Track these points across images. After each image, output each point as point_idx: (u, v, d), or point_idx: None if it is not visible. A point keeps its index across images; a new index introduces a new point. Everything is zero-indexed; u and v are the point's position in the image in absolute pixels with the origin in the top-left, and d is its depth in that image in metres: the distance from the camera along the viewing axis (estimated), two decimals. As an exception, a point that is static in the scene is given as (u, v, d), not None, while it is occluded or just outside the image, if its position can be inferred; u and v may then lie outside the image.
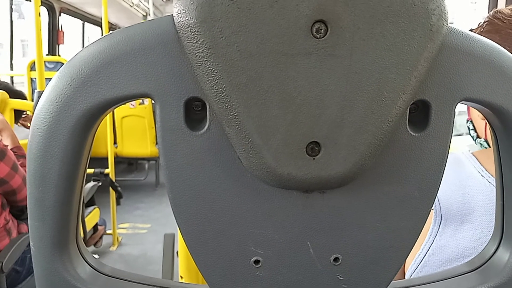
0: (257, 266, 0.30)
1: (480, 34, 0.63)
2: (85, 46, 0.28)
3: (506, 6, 1.10)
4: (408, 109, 0.28)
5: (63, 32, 4.14)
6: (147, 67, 0.27)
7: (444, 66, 0.27)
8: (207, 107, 0.27)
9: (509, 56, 0.28)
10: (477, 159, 0.61)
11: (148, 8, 5.02)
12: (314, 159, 0.26)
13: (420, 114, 0.28)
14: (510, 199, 0.32)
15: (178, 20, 0.26)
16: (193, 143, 0.28)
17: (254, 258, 0.30)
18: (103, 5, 2.99)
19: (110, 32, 0.28)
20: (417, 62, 0.26)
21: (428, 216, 0.30)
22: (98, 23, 4.60)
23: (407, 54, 0.25)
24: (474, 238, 0.54)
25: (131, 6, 3.93)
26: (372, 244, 0.30)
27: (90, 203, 2.61)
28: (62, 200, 0.29)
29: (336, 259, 0.30)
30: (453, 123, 0.29)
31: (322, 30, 0.25)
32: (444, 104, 0.28)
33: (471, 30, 0.69)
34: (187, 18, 0.25)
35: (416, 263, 0.58)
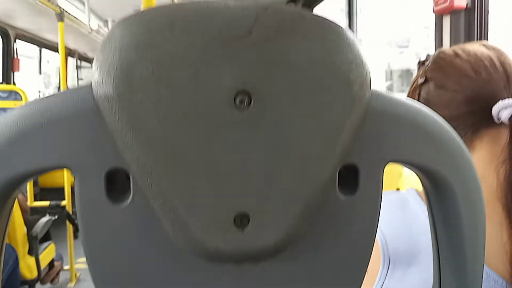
0: None
1: (425, 73, 0.65)
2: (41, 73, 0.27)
3: (450, 40, 1.16)
4: (337, 174, 0.28)
5: (19, 60, 4.02)
6: (64, 139, 0.25)
7: (370, 131, 0.27)
8: (131, 178, 0.26)
9: (434, 119, 0.29)
10: (422, 198, 0.62)
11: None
12: (242, 231, 0.26)
13: (350, 177, 0.28)
14: (445, 256, 0.32)
15: (96, 91, 0.25)
16: (116, 217, 0.26)
17: None
18: (59, 33, 2.94)
19: (28, 102, 0.26)
20: (341, 130, 0.26)
21: (364, 277, 0.30)
22: (57, 49, 4.49)
23: (331, 123, 0.25)
24: (422, 280, 0.54)
25: (89, 33, 3.86)
26: None
27: (45, 238, 2.48)
28: None
29: None
30: (382, 184, 0.29)
31: (245, 101, 0.24)
32: (372, 167, 0.28)
33: (422, 61, 0.72)
34: (104, 90, 0.24)
35: None
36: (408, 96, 0.68)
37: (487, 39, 1.14)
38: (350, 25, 2.69)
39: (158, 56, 0.24)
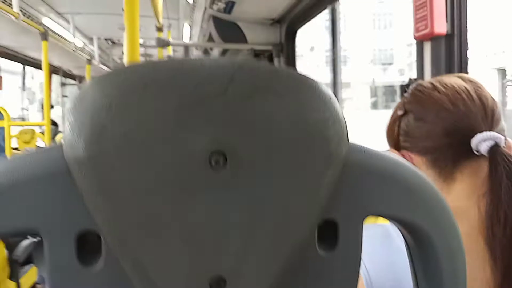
0: None
1: (404, 105, 0.66)
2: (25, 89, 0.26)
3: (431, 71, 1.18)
4: (316, 231, 0.27)
5: (1, 77, 3.97)
6: (32, 201, 0.24)
7: (348, 185, 0.27)
8: (102, 240, 0.25)
9: (414, 172, 0.29)
10: None
11: (93, 51, 4.94)
12: None
13: (329, 232, 0.28)
14: None
15: (67, 152, 0.24)
16: (87, 281, 0.25)
17: None
18: (43, 52, 2.91)
19: None
20: (319, 187, 0.25)
21: None
22: (41, 67, 4.45)
23: (309, 181, 0.25)
24: None
25: (74, 51, 3.84)
26: None
27: (28, 261, 2.41)
28: None
29: None
30: (362, 238, 0.28)
31: (220, 161, 0.24)
32: (351, 221, 0.28)
33: (405, 85, 0.72)
34: (74, 151, 0.23)
35: None
36: (388, 127, 0.68)
37: (467, 64, 1.16)
38: (334, 43, 2.73)
39: (131, 118, 0.23)
